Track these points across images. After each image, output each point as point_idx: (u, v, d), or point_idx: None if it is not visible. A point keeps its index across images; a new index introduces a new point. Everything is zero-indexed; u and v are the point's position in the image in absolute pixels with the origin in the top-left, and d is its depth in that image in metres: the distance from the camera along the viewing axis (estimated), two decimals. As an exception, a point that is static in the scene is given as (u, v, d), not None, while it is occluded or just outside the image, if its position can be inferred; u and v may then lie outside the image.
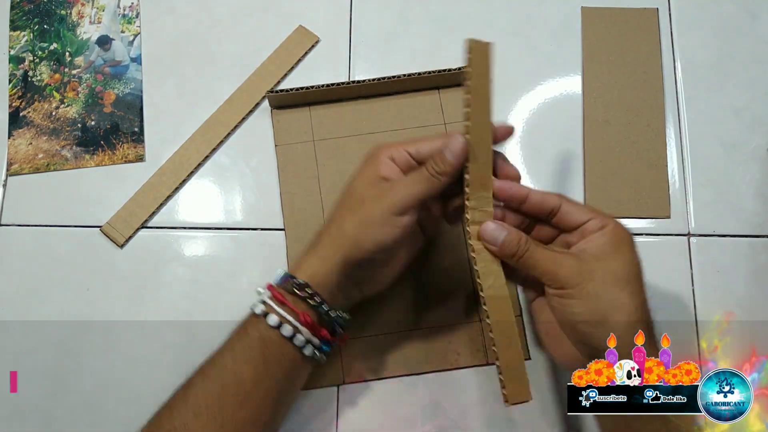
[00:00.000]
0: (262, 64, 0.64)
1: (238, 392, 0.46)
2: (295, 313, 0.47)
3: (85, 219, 0.61)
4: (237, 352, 0.47)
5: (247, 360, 0.47)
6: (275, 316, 0.47)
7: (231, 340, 0.48)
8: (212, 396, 0.46)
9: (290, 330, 0.47)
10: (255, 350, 0.47)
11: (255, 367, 0.47)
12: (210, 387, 0.46)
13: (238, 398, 0.46)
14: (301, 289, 0.47)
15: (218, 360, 0.48)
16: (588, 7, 0.66)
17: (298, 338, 0.47)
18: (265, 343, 0.47)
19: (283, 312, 0.47)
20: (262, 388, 0.47)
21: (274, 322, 0.47)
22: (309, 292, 0.47)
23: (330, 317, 0.48)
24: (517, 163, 0.62)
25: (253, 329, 0.48)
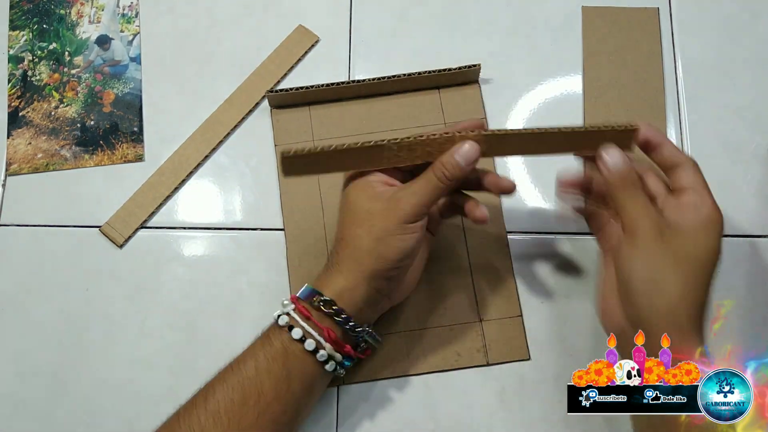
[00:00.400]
0: (261, 64, 0.64)
1: (258, 403, 0.46)
2: (320, 329, 0.47)
3: (84, 219, 0.61)
4: (260, 362, 0.47)
5: (269, 371, 0.47)
6: (299, 330, 0.47)
7: (254, 348, 0.48)
8: (233, 404, 0.46)
9: (313, 344, 0.47)
10: (278, 362, 0.47)
11: (277, 379, 0.47)
12: (231, 395, 0.46)
13: (258, 409, 0.46)
14: (327, 306, 0.47)
15: (241, 368, 0.47)
16: (588, 7, 0.66)
17: (320, 354, 0.47)
18: (288, 355, 0.47)
19: (307, 326, 0.47)
20: (282, 402, 0.47)
21: (298, 336, 0.47)
22: (335, 309, 0.47)
23: (356, 332, 0.49)
24: (517, 162, 0.62)
25: (276, 340, 0.48)
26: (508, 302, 0.58)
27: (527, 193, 0.61)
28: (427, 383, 0.57)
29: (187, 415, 0.46)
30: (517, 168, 0.62)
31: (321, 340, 0.47)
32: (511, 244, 0.59)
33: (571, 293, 0.58)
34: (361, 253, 0.47)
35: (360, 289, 0.48)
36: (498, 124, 0.63)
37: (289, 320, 0.48)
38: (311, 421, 0.56)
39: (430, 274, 0.58)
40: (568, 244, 0.60)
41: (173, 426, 0.46)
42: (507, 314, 0.58)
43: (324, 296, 0.47)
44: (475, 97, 0.63)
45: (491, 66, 0.63)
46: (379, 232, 0.47)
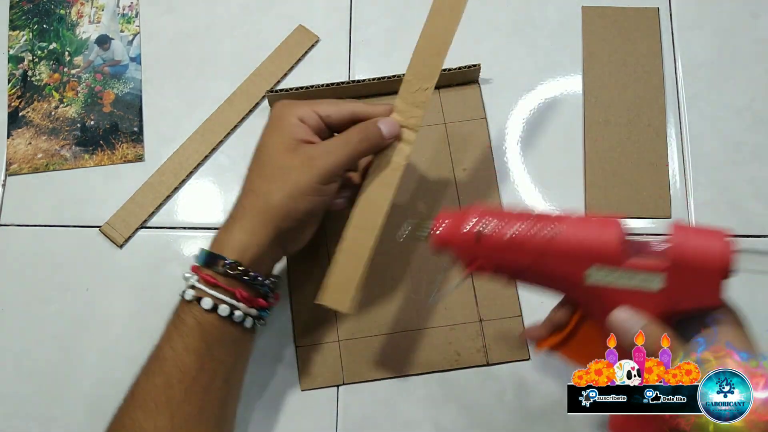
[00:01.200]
0: (261, 64, 0.64)
1: (183, 380, 0.46)
2: (230, 292, 0.47)
3: (84, 219, 0.61)
4: (175, 342, 0.47)
5: (186, 347, 0.46)
6: (209, 299, 0.47)
7: (167, 331, 0.48)
8: (157, 389, 0.46)
9: (227, 309, 0.47)
10: (194, 337, 0.47)
11: (197, 352, 0.46)
12: (153, 380, 0.46)
13: (184, 386, 0.46)
14: (233, 269, 0.47)
15: (158, 354, 0.47)
16: (588, 7, 0.66)
17: (236, 315, 0.47)
18: (204, 327, 0.47)
19: (216, 294, 0.47)
20: (208, 372, 0.47)
21: (208, 306, 0.47)
22: (241, 270, 0.47)
23: (264, 285, 0.49)
24: (517, 162, 0.62)
25: (187, 316, 0.47)
26: (508, 302, 0.58)
27: (527, 193, 0.61)
28: (427, 383, 0.57)
29: (120, 414, 0.47)
30: (518, 167, 0.62)
31: (233, 302, 0.47)
32: (511, 244, 0.59)
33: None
34: (269, 208, 0.47)
35: (263, 245, 0.47)
36: (498, 123, 0.63)
37: (196, 292, 0.47)
38: (311, 421, 0.56)
39: (430, 274, 0.58)
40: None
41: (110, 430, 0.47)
42: (507, 314, 0.58)
43: (228, 259, 0.47)
44: (475, 97, 0.63)
45: (491, 66, 0.63)
46: (291, 189, 0.47)
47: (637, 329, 0.39)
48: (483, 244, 0.41)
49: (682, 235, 0.39)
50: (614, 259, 0.39)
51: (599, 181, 0.61)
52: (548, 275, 0.42)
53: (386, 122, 0.48)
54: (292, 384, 0.57)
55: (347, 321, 0.58)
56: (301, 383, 0.57)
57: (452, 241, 0.43)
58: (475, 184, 0.61)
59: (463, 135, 0.62)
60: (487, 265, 0.42)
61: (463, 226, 0.42)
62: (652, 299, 0.40)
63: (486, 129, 0.62)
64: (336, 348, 0.57)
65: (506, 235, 0.41)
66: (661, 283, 0.39)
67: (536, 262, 0.41)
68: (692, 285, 0.39)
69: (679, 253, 0.38)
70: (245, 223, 0.48)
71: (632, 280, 0.40)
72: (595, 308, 0.42)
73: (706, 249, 0.38)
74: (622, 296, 0.40)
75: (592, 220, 0.41)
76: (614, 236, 0.39)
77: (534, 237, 0.41)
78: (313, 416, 0.56)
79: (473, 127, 0.62)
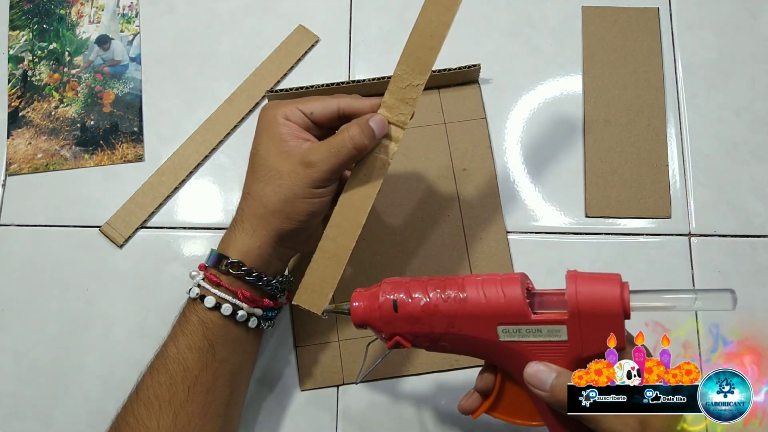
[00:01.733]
0: (261, 64, 0.64)
1: (186, 378, 0.46)
2: (232, 291, 0.47)
3: (84, 219, 0.61)
4: (179, 340, 0.47)
5: (189, 346, 0.47)
6: (212, 298, 0.47)
7: (173, 330, 0.49)
8: (161, 387, 0.46)
9: (230, 308, 0.47)
10: (197, 335, 0.47)
11: (200, 351, 0.47)
12: (157, 378, 0.47)
13: (187, 384, 0.46)
14: (235, 268, 0.47)
15: (163, 352, 0.48)
16: (588, 7, 0.66)
17: (240, 314, 0.48)
18: (207, 325, 0.47)
19: (219, 292, 0.47)
20: (211, 371, 0.47)
21: (211, 304, 0.47)
22: (244, 270, 0.47)
23: (270, 285, 0.49)
24: (517, 162, 0.62)
25: (191, 314, 0.48)
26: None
27: (527, 193, 0.61)
28: (427, 383, 0.57)
29: (123, 411, 0.47)
30: (518, 167, 0.62)
31: (236, 301, 0.47)
32: (511, 244, 0.59)
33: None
34: (267, 212, 0.47)
35: (267, 246, 0.48)
36: (498, 123, 0.63)
37: (200, 290, 0.48)
38: (311, 421, 0.56)
39: (430, 274, 0.58)
40: (569, 243, 0.60)
41: (113, 427, 0.47)
42: (507, 314, 0.58)
43: (231, 259, 0.47)
44: (475, 97, 0.63)
45: (491, 66, 0.63)
46: (286, 193, 0.47)
47: (551, 381, 0.40)
48: (400, 315, 0.43)
49: (575, 284, 0.40)
50: (520, 316, 0.41)
51: (599, 180, 0.61)
52: (465, 339, 0.43)
53: (376, 121, 0.47)
54: (292, 384, 0.57)
55: (347, 321, 0.58)
56: (301, 383, 0.57)
57: (371, 315, 0.44)
58: (475, 184, 0.61)
59: (463, 135, 0.62)
60: (406, 336, 0.44)
61: (378, 299, 0.43)
62: (561, 349, 0.41)
63: (486, 129, 0.62)
64: (336, 348, 0.57)
65: (420, 303, 0.43)
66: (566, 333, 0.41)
67: (451, 327, 0.42)
68: (594, 331, 0.40)
69: (574, 302, 0.40)
70: (246, 226, 0.48)
71: (539, 334, 0.41)
72: (513, 365, 0.43)
73: (600, 295, 0.40)
74: (533, 350, 0.42)
75: (496, 279, 0.42)
76: (516, 294, 0.41)
77: (445, 302, 0.42)
78: (313, 416, 0.56)
79: (473, 127, 0.62)
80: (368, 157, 0.48)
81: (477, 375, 0.46)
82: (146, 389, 0.47)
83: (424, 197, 0.60)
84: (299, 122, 0.48)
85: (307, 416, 0.56)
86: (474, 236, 0.59)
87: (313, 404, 0.56)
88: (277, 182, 0.47)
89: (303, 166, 0.46)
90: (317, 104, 0.48)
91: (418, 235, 0.59)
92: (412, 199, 0.60)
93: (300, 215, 0.47)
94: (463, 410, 0.47)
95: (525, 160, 0.62)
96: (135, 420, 0.46)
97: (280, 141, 0.47)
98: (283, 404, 0.56)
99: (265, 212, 0.47)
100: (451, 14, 0.46)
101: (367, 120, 0.47)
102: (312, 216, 0.48)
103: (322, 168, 0.46)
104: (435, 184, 0.61)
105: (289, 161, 0.47)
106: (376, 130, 0.47)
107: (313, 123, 0.49)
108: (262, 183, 0.47)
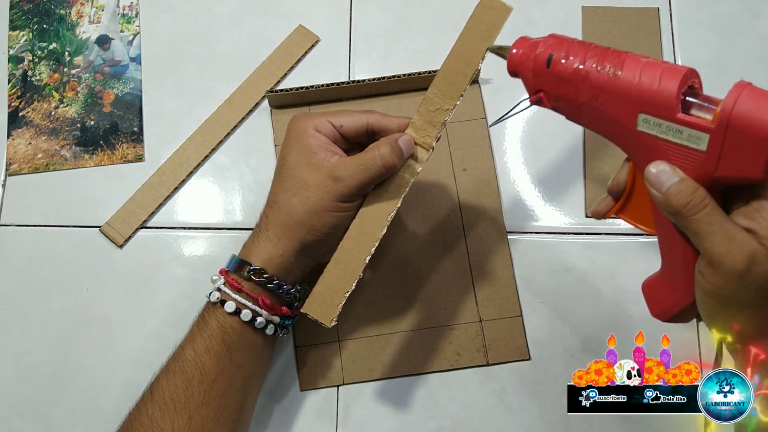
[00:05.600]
0: (261, 64, 0.64)
1: (202, 382, 0.46)
2: (253, 298, 0.48)
3: (84, 219, 0.61)
4: (197, 343, 0.48)
5: (208, 350, 0.47)
6: (233, 303, 0.47)
7: (191, 332, 0.49)
8: (177, 389, 0.46)
9: (249, 314, 0.47)
10: (215, 339, 0.47)
11: (218, 356, 0.47)
12: (174, 381, 0.47)
13: (203, 387, 0.46)
14: (257, 275, 0.47)
15: (180, 354, 0.48)
16: (589, 7, 0.66)
17: (258, 321, 0.48)
18: (225, 330, 0.47)
19: (239, 298, 0.47)
20: (227, 376, 0.47)
21: (231, 309, 0.47)
22: (266, 277, 0.48)
23: (289, 294, 0.49)
24: (517, 162, 0.62)
25: (211, 318, 0.48)
26: (508, 302, 0.58)
27: (527, 193, 0.61)
28: (427, 383, 0.57)
29: (137, 411, 0.47)
30: (518, 167, 0.62)
31: (256, 308, 0.48)
32: (511, 244, 0.59)
33: (571, 293, 0.58)
34: (293, 222, 0.47)
35: (289, 255, 0.48)
36: (498, 123, 0.62)
37: (221, 295, 0.48)
38: (311, 421, 0.56)
39: (430, 274, 0.58)
40: (569, 243, 0.60)
41: (126, 426, 0.47)
42: (507, 314, 0.58)
43: (253, 266, 0.47)
44: (475, 97, 0.63)
45: (491, 66, 0.63)
46: (313, 205, 0.47)
47: (671, 183, 0.37)
48: (551, 71, 0.41)
49: (737, 93, 0.36)
50: (665, 110, 0.37)
51: (599, 181, 0.61)
52: (604, 116, 0.40)
53: (405, 141, 0.47)
54: (292, 384, 0.57)
55: (347, 321, 0.58)
56: (301, 383, 0.57)
57: (524, 63, 0.43)
58: (475, 184, 0.61)
59: (463, 135, 0.62)
60: (549, 96, 0.42)
61: (536, 50, 0.42)
62: (696, 158, 0.37)
63: (486, 129, 0.62)
64: (336, 348, 0.57)
65: (573, 66, 0.40)
66: (707, 143, 0.36)
67: (594, 99, 0.40)
68: (736, 151, 0.36)
69: (727, 112, 0.35)
70: (270, 234, 0.48)
71: (679, 136, 0.38)
72: (643, 161, 0.40)
73: (758, 114, 0.35)
74: (668, 150, 0.38)
75: (658, 65, 0.39)
76: (671, 86, 0.38)
77: (597, 72, 0.39)
78: (313, 416, 0.56)
79: (473, 127, 0.62)
80: (393, 175, 0.48)
81: (614, 175, 0.44)
82: (161, 391, 0.47)
83: (423, 197, 0.60)
84: (329, 134, 0.49)
85: (307, 416, 0.56)
86: (474, 236, 0.59)
87: (313, 404, 0.56)
88: (304, 193, 0.47)
89: (331, 180, 0.47)
90: (347, 118, 0.49)
91: (418, 235, 0.59)
92: (412, 199, 0.60)
93: (324, 227, 0.47)
94: (595, 214, 0.45)
95: (525, 160, 0.62)
96: (149, 421, 0.46)
97: (309, 152, 0.48)
98: (283, 404, 0.56)
99: (290, 222, 0.47)
100: (487, 44, 0.47)
101: (397, 139, 0.47)
102: (335, 229, 0.48)
103: (350, 183, 0.46)
104: (435, 184, 0.61)
105: (317, 174, 0.47)
106: (405, 150, 0.47)
107: (342, 136, 0.49)
108: (290, 193, 0.48)
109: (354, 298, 0.58)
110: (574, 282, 0.59)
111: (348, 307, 0.58)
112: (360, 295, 0.58)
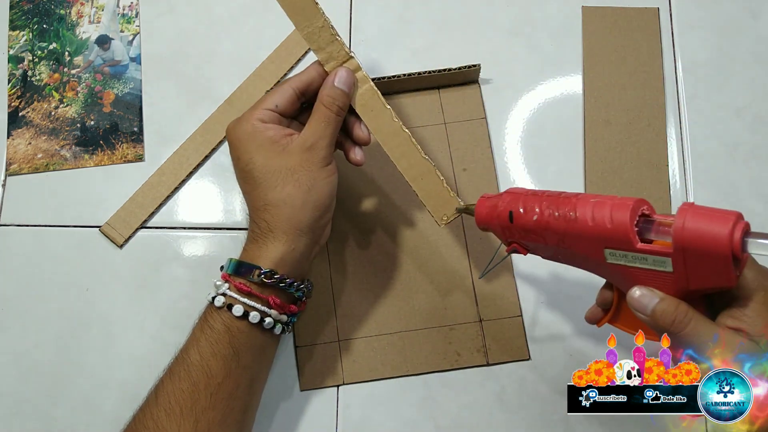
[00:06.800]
0: (261, 64, 0.64)
1: (209, 385, 0.46)
2: (263, 299, 0.47)
3: (84, 219, 0.61)
4: (203, 347, 0.47)
5: (214, 353, 0.47)
6: (241, 307, 0.47)
7: (194, 335, 0.48)
8: (183, 393, 0.46)
9: (258, 316, 0.47)
10: (222, 343, 0.47)
11: (225, 359, 0.47)
12: (179, 384, 0.46)
13: (210, 391, 0.46)
14: (269, 277, 0.47)
15: (185, 357, 0.47)
16: (589, 7, 0.66)
17: (267, 322, 0.48)
18: (233, 333, 0.47)
19: (248, 301, 0.47)
20: (234, 378, 0.47)
21: (239, 313, 0.47)
22: (277, 278, 0.47)
23: (300, 290, 0.49)
24: (517, 162, 0.62)
25: (216, 322, 0.47)
26: (508, 302, 0.58)
27: (527, 193, 0.61)
28: (427, 383, 0.57)
29: (141, 414, 0.47)
30: (518, 167, 0.62)
31: (265, 309, 0.47)
32: (511, 244, 0.59)
33: (571, 293, 0.58)
34: (296, 209, 0.48)
35: (299, 248, 0.48)
36: (498, 123, 0.63)
37: (227, 300, 0.47)
38: (311, 421, 0.56)
39: (430, 275, 0.58)
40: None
41: (130, 429, 0.47)
42: (507, 314, 0.58)
43: (263, 269, 0.47)
44: (475, 97, 0.63)
45: (491, 66, 0.63)
46: (308, 182, 0.48)
47: (653, 305, 0.40)
48: (515, 225, 0.44)
49: (683, 218, 0.38)
50: (625, 243, 0.40)
51: (599, 181, 0.61)
52: (575, 255, 0.43)
53: (339, 78, 0.50)
54: (292, 384, 0.57)
55: (347, 321, 0.58)
56: (300, 383, 0.57)
57: (491, 221, 0.47)
58: (475, 184, 0.61)
59: (463, 135, 0.62)
60: (522, 245, 0.46)
61: (498, 208, 0.45)
62: (668, 278, 0.40)
63: (486, 129, 0.62)
64: (336, 348, 0.57)
65: (533, 217, 0.43)
66: (671, 265, 0.39)
67: (561, 242, 0.43)
68: (700, 267, 0.38)
69: (680, 237, 0.38)
70: (277, 234, 0.48)
71: (645, 262, 0.40)
72: (622, 286, 0.43)
73: (707, 233, 0.37)
74: (641, 275, 0.41)
75: (607, 203, 0.41)
76: (623, 221, 0.40)
77: (556, 219, 0.42)
78: (313, 416, 0.56)
79: (473, 127, 0.62)
80: (356, 99, 0.51)
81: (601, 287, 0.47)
82: (166, 395, 0.46)
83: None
84: (274, 120, 0.50)
85: (307, 416, 0.56)
86: (474, 236, 0.59)
87: (313, 404, 0.56)
88: (293, 178, 0.48)
89: (307, 152, 0.48)
90: (276, 96, 0.50)
91: (418, 235, 0.59)
92: (412, 200, 0.60)
93: (324, 197, 0.49)
94: (588, 321, 0.48)
95: (525, 160, 0.62)
96: (155, 424, 0.45)
97: (272, 143, 0.48)
98: (283, 404, 0.56)
99: (293, 211, 0.48)
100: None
101: (332, 83, 0.49)
102: (332, 195, 0.50)
103: (324, 143, 0.48)
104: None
105: (293, 155, 0.48)
106: (344, 85, 0.49)
107: (282, 115, 0.50)
108: (279, 187, 0.48)
109: (354, 298, 0.58)
110: (574, 282, 0.59)
111: (348, 307, 0.58)
112: (360, 295, 0.58)
